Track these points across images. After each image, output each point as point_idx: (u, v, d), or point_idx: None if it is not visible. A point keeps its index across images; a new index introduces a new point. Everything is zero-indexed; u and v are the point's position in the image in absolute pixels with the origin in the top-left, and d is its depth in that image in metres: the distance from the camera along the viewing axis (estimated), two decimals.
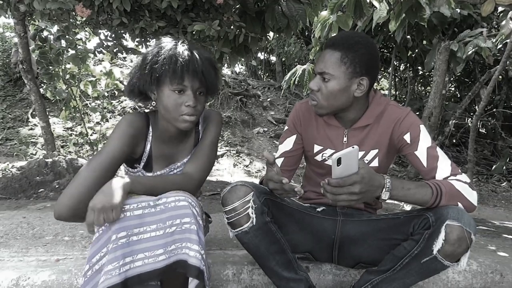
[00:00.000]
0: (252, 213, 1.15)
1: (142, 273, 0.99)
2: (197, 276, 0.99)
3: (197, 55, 1.16)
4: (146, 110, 1.31)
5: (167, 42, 1.18)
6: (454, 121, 5.14)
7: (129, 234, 1.00)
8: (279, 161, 1.41)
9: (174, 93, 1.14)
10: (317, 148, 1.38)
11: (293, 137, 1.42)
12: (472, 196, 1.13)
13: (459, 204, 1.11)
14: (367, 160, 1.32)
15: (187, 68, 1.12)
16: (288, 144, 1.42)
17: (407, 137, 1.24)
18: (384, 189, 1.07)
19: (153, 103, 1.22)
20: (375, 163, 1.32)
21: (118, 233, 0.99)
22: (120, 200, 0.99)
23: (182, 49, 1.15)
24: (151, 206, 1.04)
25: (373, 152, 1.31)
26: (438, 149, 1.21)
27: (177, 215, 1.03)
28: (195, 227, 1.02)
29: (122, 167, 1.33)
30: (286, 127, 1.46)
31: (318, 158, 1.39)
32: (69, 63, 3.63)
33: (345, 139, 1.33)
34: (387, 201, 1.12)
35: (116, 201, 0.98)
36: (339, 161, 0.99)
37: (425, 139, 1.22)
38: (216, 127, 1.30)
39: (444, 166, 1.17)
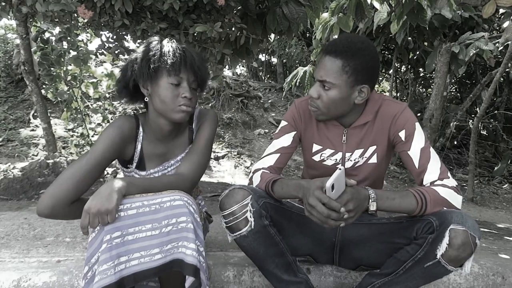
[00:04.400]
0: (250, 217, 1.15)
1: (137, 272, 0.99)
2: (194, 274, 1.00)
3: (190, 52, 1.22)
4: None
5: (160, 40, 1.23)
6: (455, 123, 5.14)
7: (124, 233, 1.00)
8: (274, 157, 1.35)
9: (171, 86, 1.17)
10: (316, 147, 1.37)
11: (293, 133, 1.38)
12: (456, 200, 1.14)
13: (444, 209, 1.12)
14: (365, 157, 1.31)
15: (184, 62, 1.18)
16: (286, 139, 1.37)
17: (402, 134, 1.24)
18: (370, 200, 1.09)
19: (146, 99, 1.24)
20: (373, 160, 1.31)
21: (112, 233, 0.99)
22: (115, 204, 0.99)
23: (177, 45, 1.21)
24: (145, 206, 1.04)
25: (372, 149, 1.31)
26: (431, 149, 1.22)
27: (173, 215, 1.03)
28: (191, 226, 1.03)
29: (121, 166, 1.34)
30: (284, 123, 1.40)
31: (316, 158, 1.37)
32: (70, 65, 3.63)
33: (344, 138, 1.32)
34: None
35: (111, 205, 0.99)
36: (332, 187, 1.01)
37: (419, 139, 1.22)
38: (211, 126, 1.30)
39: (433, 169, 1.18)
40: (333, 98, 1.20)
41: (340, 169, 1.01)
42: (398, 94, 7.80)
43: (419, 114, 6.06)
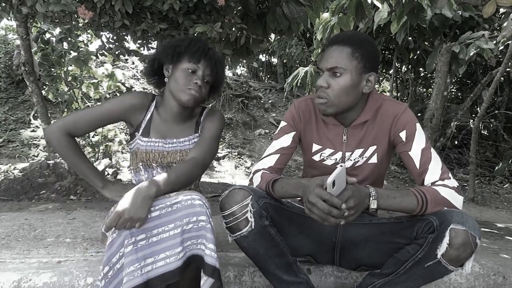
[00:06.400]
0: (250, 217, 1.14)
1: (164, 273, 1.02)
2: (212, 275, 1.03)
3: (215, 52, 1.39)
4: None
5: (193, 37, 1.42)
6: (456, 122, 5.14)
7: (148, 236, 1.04)
8: (274, 158, 1.35)
9: (187, 71, 1.32)
10: (316, 147, 1.37)
11: (292, 134, 1.38)
12: (457, 201, 1.14)
13: (445, 209, 1.12)
14: (365, 157, 1.31)
15: (205, 54, 1.34)
16: (286, 140, 1.37)
17: (402, 135, 1.25)
18: (371, 198, 1.09)
19: (165, 79, 1.39)
20: (374, 160, 1.31)
21: (137, 235, 1.03)
22: (147, 213, 1.04)
23: (205, 42, 1.39)
24: (167, 206, 1.08)
25: (372, 149, 1.31)
26: (432, 150, 1.22)
27: (193, 213, 1.07)
28: (210, 226, 1.07)
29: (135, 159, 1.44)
30: (283, 123, 1.40)
31: (316, 158, 1.37)
32: (71, 65, 3.64)
33: (344, 137, 1.32)
34: None
35: (144, 214, 1.03)
36: (333, 183, 1.01)
37: (419, 139, 1.22)
38: (218, 122, 1.42)
39: (434, 169, 1.18)
40: (344, 85, 1.20)
41: (341, 166, 1.01)
42: (398, 94, 7.79)
43: (419, 114, 6.06)
